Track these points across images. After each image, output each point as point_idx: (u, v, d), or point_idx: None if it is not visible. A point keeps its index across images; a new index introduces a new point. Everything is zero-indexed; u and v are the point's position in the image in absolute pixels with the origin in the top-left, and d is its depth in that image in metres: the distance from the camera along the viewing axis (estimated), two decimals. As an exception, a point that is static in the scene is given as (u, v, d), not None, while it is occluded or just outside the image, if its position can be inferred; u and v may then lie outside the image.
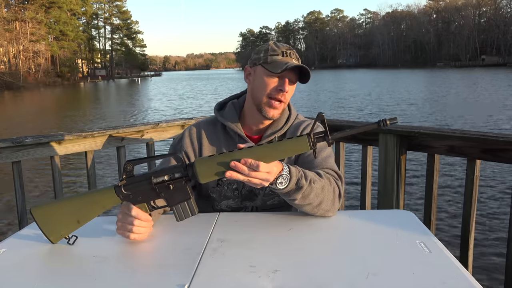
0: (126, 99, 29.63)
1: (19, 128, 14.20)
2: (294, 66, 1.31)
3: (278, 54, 1.35)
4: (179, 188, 1.10)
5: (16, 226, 2.13)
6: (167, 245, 1.12)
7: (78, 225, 1.13)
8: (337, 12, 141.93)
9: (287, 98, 1.38)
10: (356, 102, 19.84)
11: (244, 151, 1.07)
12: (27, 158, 2.08)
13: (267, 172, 1.08)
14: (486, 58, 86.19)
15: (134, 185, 1.11)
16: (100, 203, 1.12)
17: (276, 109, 1.37)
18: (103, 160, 7.94)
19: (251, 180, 1.07)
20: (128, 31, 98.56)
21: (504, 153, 1.76)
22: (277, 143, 1.09)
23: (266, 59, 1.35)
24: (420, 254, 0.99)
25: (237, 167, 1.05)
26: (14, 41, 59.24)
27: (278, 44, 1.39)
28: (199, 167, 1.07)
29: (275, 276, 0.89)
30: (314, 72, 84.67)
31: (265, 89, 1.36)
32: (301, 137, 1.07)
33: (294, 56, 1.37)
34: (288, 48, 1.38)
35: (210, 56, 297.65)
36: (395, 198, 2.17)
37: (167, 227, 1.24)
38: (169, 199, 1.11)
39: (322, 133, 1.08)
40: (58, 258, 1.06)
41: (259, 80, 1.38)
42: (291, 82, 1.36)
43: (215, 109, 1.52)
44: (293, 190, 1.18)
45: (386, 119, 1.03)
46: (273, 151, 1.07)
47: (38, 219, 1.12)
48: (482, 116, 13.22)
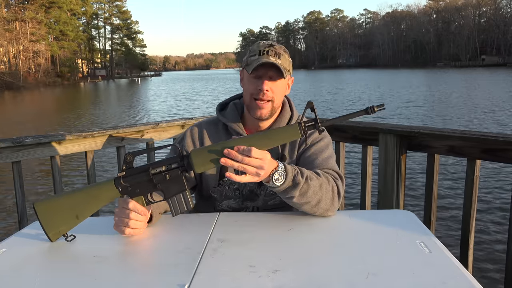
0: (126, 99, 29.62)
1: (19, 128, 14.20)
2: (261, 63, 1.30)
3: (255, 53, 1.34)
4: (175, 178, 1.12)
5: (16, 226, 2.13)
6: (167, 244, 1.12)
7: (77, 220, 1.13)
8: (337, 12, 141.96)
9: (269, 96, 1.35)
10: (356, 101, 19.83)
11: (238, 140, 1.10)
12: (27, 158, 2.08)
13: (260, 158, 1.08)
14: (486, 58, 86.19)
15: (132, 177, 1.12)
16: (99, 197, 1.13)
17: (261, 108, 1.37)
18: (103, 160, 7.94)
19: (246, 168, 1.07)
20: (128, 31, 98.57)
21: (504, 153, 1.77)
22: (269, 131, 1.12)
23: (247, 60, 1.36)
24: (420, 254, 0.99)
25: (230, 154, 1.07)
26: (14, 41, 59.24)
27: (261, 43, 1.38)
28: (194, 156, 1.09)
29: (275, 276, 0.89)
30: (314, 72, 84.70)
31: (248, 91, 1.39)
32: (292, 125, 1.11)
33: (273, 53, 1.33)
34: (268, 45, 1.35)
35: (210, 56, 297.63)
36: (395, 198, 2.17)
37: (167, 226, 1.24)
38: (165, 190, 1.13)
39: (312, 120, 1.10)
40: (58, 258, 1.06)
41: (245, 82, 1.41)
42: (272, 79, 1.34)
43: (217, 109, 1.52)
44: (290, 187, 1.18)
45: (374, 106, 1.07)
46: (265, 139, 1.10)
47: (40, 215, 1.12)
48: (482, 116, 13.22)
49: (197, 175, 1.46)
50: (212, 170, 1.42)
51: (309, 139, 1.42)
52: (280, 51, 1.35)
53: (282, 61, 1.33)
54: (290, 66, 1.40)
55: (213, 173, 1.43)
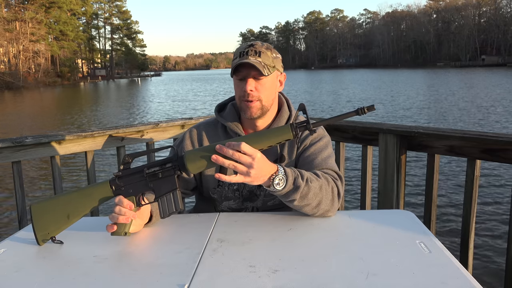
0: (126, 99, 29.62)
1: (19, 128, 14.20)
2: (236, 65, 1.32)
3: (237, 56, 1.35)
4: (167, 177, 1.13)
5: (16, 226, 2.13)
6: (167, 244, 1.12)
7: (68, 221, 1.12)
8: (337, 12, 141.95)
9: (255, 95, 1.35)
10: (356, 101, 19.83)
11: (230, 141, 1.11)
12: (27, 158, 2.08)
13: (250, 155, 1.08)
14: (486, 58, 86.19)
15: (127, 177, 1.13)
16: (92, 196, 1.13)
17: (250, 108, 1.37)
18: (103, 160, 7.93)
19: (236, 166, 1.08)
20: (128, 31, 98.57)
21: (504, 153, 1.77)
22: (261, 132, 1.14)
23: (232, 64, 1.38)
24: (420, 254, 0.99)
25: (221, 149, 1.08)
26: (14, 41, 59.23)
27: (242, 45, 1.39)
28: (188, 156, 1.11)
29: (275, 276, 0.90)
30: (314, 72, 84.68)
31: (236, 94, 1.41)
32: (284, 126, 1.12)
33: (252, 52, 1.32)
34: (248, 46, 1.35)
35: (210, 56, 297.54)
36: (395, 198, 2.17)
37: (167, 226, 1.24)
38: (156, 189, 1.13)
39: (304, 122, 1.11)
40: (58, 258, 1.06)
41: (234, 86, 1.43)
42: (256, 78, 1.34)
43: (216, 110, 1.53)
44: (291, 191, 1.18)
45: (364, 107, 1.07)
46: (257, 139, 1.11)
47: (35, 216, 1.11)
48: (482, 116, 13.22)
49: (197, 176, 1.46)
50: (211, 171, 1.42)
51: (308, 139, 1.42)
52: (260, 49, 1.34)
53: (263, 58, 1.32)
54: (276, 61, 1.38)
55: (213, 174, 1.43)
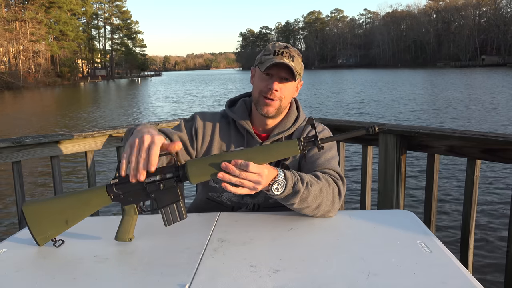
0: (126, 99, 29.61)
1: (19, 128, 14.19)
2: (274, 63, 1.33)
3: (270, 53, 1.37)
4: (169, 188, 1.09)
5: (16, 226, 2.13)
6: (167, 245, 1.11)
7: (67, 226, 1.10)
8: (337, 12, 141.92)
9: (278, 96, 1.38)
10: (356, 101, 19.83)
11: (236, 153, 1.08)
12: (27, 158, 2.07)
13: (258, 173, 1.07)
14: (486, 58, 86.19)
15: (125, 185, 1.09)
16: (90, 203, 1.10)
17: (268, 106, 1.39)
18: (103, 160, 7.93)
19: (243, 183, 1.07)
20: (128, 31, 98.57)
21: (504, 153, 1.76)
22: (268, 146, 1.10)
23: (261, 58, 1.40)
24: (420, 254, 0.99)
25: (227, 168, 1.05)
26: (14, 41, 59.20)
27: (276, 44, 1.41)
28: (190, 168, 1.07)
29: (276, 276, 0.89)
30: (314, 72, 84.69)
31: (258, 87, 1.41)
32: (292, 141, 1.09)
33: (287, 55, 1.36)
34: (283, 47, 1.39)
35: (210, 56, 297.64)
36: (395, 198, 2.17)
37: (167, 227, 1.23)
38: (158, 200, 1.09)
39: (312, 137, 1.09)
40: (58, 258, 1.05)
41: (255, 79, 1.44)
42: (283, 80, 1.38)
43: (226, 105, 1.54)
44: (290, 195, 1.18)
45: (375, 125, 1.07)
46: (264, 154, 1.09)
47: (29, 217, 1.09)
48: (482, 116, 13.22)
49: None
50: None
51: None
52: (294, 54, 1.38)
53: (295, 64, 1.37)
54: (302, 70, 1.43)
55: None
